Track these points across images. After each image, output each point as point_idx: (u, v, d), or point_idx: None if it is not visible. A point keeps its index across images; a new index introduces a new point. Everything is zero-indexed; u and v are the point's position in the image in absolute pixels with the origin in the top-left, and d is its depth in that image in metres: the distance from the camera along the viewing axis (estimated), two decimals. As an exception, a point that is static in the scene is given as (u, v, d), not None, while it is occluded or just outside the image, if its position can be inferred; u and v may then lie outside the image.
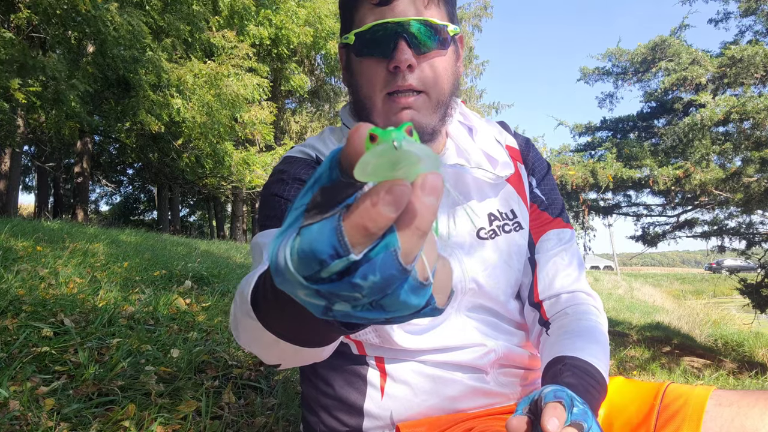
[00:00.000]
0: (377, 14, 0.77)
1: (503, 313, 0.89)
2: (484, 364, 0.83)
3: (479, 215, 0.88)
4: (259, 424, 1.48)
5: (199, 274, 3.84)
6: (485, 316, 0.87)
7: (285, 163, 0.88)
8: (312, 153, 0.88)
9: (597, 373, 0.73)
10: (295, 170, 0.85)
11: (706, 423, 0.71)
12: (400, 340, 0.80)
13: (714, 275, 26.28)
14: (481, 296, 0.85)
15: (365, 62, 0.80)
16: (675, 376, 3.78)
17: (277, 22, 13.13)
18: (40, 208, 15.95)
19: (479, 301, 0.86)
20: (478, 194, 0.89)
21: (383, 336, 0.81)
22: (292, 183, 0.83)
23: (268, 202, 0.84)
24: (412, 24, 0.76)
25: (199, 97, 9.74)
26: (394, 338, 0.80)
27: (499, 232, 0.88)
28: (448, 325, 0.83)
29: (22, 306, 2.04)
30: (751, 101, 4.36)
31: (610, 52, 6.44)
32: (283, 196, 0.81)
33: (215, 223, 24.58)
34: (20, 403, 1.27)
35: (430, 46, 0.78)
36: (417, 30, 0.76)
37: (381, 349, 0.83)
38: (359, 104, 0.84)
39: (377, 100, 0.80)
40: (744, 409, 0.70)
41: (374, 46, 0.78)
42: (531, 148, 0.98)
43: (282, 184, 0.83)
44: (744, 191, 4.82)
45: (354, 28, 0.80)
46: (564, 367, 0.72)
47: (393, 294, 0.29)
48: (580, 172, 5.16)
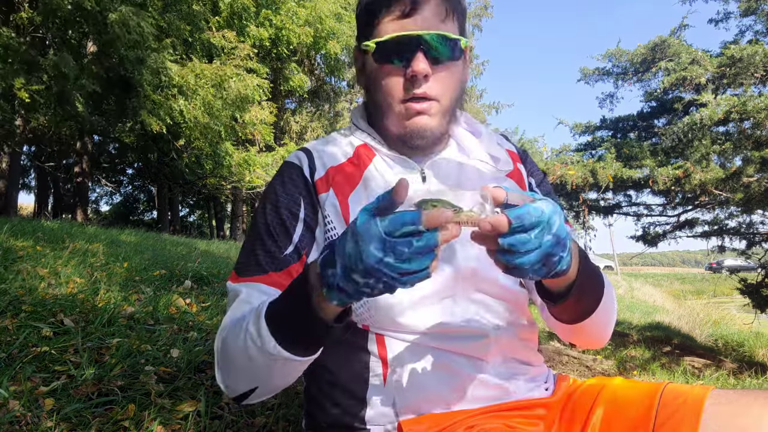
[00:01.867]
0: (398, 25, 0.84)
1: (506, 298, 0.89)
2: (485, 353, 0.84)
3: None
4: (259, 424, 1.48)
5: (199, 274, 3.85)
6: (488, 301, 0.87)
7: (279, 178, 0.94)
8: (306, 159, 0.94)
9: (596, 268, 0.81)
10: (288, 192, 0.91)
11: (704, 423, 0.71)
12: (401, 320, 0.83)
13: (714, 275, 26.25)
14: (482, 280, 0.87)
15: (384, 69, 0.87)
16: (675, 376, 3.79)
17: (277, 22, 13.12)
18: (40, 208, 15.97)
19: (480, 286, 0.87)
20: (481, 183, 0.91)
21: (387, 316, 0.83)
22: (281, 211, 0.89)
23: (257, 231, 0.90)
24: (430, 37, 0.83)
25: (201, 98, 9.74)
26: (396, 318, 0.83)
27: None
28: (449, 310, 0.84)
29: (22, 306, 2.04)
30: (751, 101, 4.36)
31: (610, 53, 6.44)
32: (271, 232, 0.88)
33: (215, 223, 24.60)
34: (20, 403, 1.27)
35: (445, 58, 0.85)
36: (434, 42, 0.83)
37: (383, 330, 0.85)
38: (376, 107, 0.91)
39: (393, 105, 0.87)
40: (742, 409, 0.70)
41: (394, 55, 0.85)
42: (528, 157, 1.06)
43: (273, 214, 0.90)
44: (744, 191, 4.82)
45: (374, 37, 0.86)
46: None
47: (422, 258, 0.55)
48: (580, 171, 5.16)
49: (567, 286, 0.75)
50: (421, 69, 0.82)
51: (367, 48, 0.88)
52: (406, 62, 0.84)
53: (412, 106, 0.86)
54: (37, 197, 17.45)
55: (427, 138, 0.88)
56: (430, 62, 0.83)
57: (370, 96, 0.92)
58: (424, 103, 0.86)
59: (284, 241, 0.87)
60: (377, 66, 0.88)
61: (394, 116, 0.88)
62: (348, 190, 0.89)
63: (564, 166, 5.40)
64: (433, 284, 0.84)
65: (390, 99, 0.87)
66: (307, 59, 16.32)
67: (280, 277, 0.85)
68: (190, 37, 10.40)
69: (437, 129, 0.88)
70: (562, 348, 4.85)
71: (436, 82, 0.85)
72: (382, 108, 0.89)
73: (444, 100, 0.87)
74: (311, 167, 0.92)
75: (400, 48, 0.84)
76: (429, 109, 0.86)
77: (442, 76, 0.86)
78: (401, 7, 0.83)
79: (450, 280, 0.85)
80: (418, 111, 0.86)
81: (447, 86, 0.87)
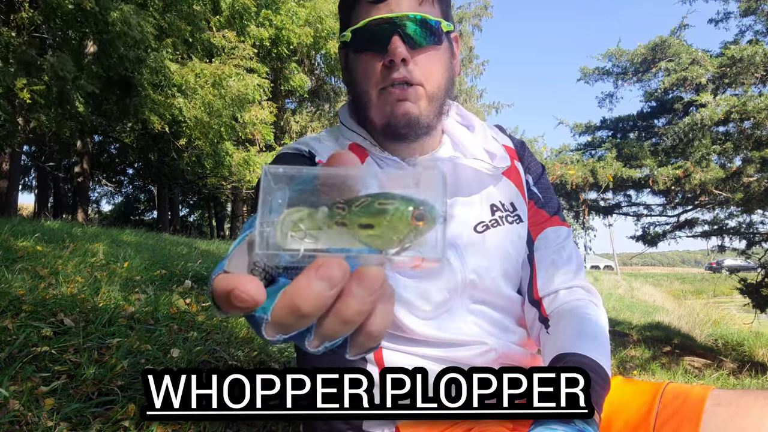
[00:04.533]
0: (373, 11, 0.80)
1: (505, 307, 0.89)
2: (484, 362, 0.83)
3: (482, 205, 0.89)
4: (259, 424, 1.48)
5: (199, 274, 3.85)
6: (487, 312, 0.87)
7: (276, 160, 0.90)
8: (305, 148, 0.90)
9: (599, 368, 0.73)
10: (288, 163, 0.86)
11: (704, 422, 0.71)
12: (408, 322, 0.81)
13: (714, 275, 26.27)
14: (483, 289, 0.86)
15: (362, 58, 0.83)
16: (675, 376, 3.78)
17: (278, 22, 13.12)
18: (40, 208, 15.95)
19: (481, 295, 0.86)
20: (478, 184, 0.90)
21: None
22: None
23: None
24: (405, 19, 0.79)
25: (201, 97, 9.74)
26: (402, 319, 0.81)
27: (501, 222, 0.89)
28: (450, 320, 0.84)
29: (22, 306, 2.04)
30: (751, 100, 4.36)
31: (610, 53, 6.44)
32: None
33: (215, 222, 24.60)
34: (20, 403, 1.27)
35: (424, 41, 0.81)
36: (410, 25, 0.79)
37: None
38: (357, 100, 0.87)
39: (373, 94, 0.83)
40: (742, 409, 0.70)
41: (370, 42, 0.81)
42: (526, 150, 1.01)
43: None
44: (744, 191, 4.82)
45: (351, 26, 0.83)
46: (566, 365, 0.72)
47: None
48: (580, 171, 5.16)
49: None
50: (398, 53, 0.78)
51: (344, 38, 0.84)
52: (383, 48, 0.79)
53: (392, 91, 0.81)
54: (37, 197, 17.42)
55: (413, 126, 0.83)
56: (408, 46, 0.79)
57: (352, 89, 0.88)
58: (407, 89, 0.81)
59: None
60: (355, 56, 0.84)
61: (374, 106, 0.84)
62: None
63: (564, 166, 5.40)
64: (433, 297, 0.83)
65: (369, 87, 0.83)
66: (307, 59, 16.32)
67: None
68: (190, 37, 10.40)
69: (424, 117, 0.83)
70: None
71: (416, 66, 0.81)
72: (362, 99, 0.85)
73: (428, 85, 0.82)
74: (311, 154, 0.89)
75: (375, 34, 0.80)
76: (411, 94, 0.81)
77: (423, 60, 0.81)
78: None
79: (449, 292, 0.84)
80: (398, 98, 0.81)
81: (430, 71, 0.82)
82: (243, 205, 18.14)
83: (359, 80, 0.85)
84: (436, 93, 0.84)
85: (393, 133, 0.85)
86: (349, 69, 0.87)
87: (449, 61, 0.87)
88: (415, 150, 0.90)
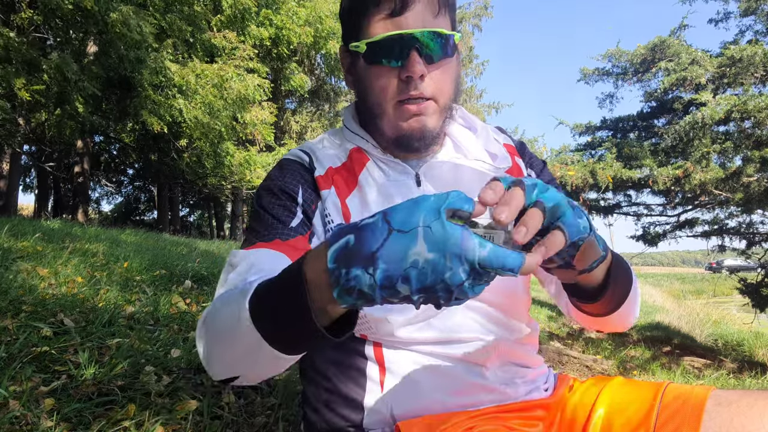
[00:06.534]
0: (389, 25, 0.80)
1: (505, 305, 0.88)
2: (484, 359, 0.83)
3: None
4: (259, 424, 1.48)
5: (199, 274, 3.85)
6: (486, 308, 0.86)
7: (278, 168, 0.91)
8: (306, 157, 0.91)
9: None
10: (286, 179, 0.88)
11: (705, 423, 0.71)
12: (400, 333, 0.81)
13: (714, 275, 26.30)
14: None
15: (376, 70, 0.83)
16: (675, 376, 3.78)
17: (278, 22, 13.13)
18: (40, 208, 15.97)
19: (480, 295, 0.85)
20: (479, 185, 0.89)
21: (383, 330, 0.81)
22: (279, 195, 0.86)
23: (256, 213, 0.88)
24: (424, 35, 0.79)
25: (201, 98, 9.75)
26: (394, 332, 0.81)
27: None
28: (448, 316, 0.83)
29: (22, 306, 2.04)
30: (752, 100, 4.36)
31: (610, 53, 6.45)
32: (269, 212, 0.85)
33: (215, 222, 24.62)
34: (20, 403, 1.27)
35: (439, 55, 0.81)
36: (428, 41, 0.79)
37: (380, 338, 0.83)
38: (368, 110, 0.87)
39: (388, 108, 0.84)
40: (743, 409, 0.70)
41: (387, 56, 0.81)
42: (526, 148, 1.03)
43: (270, 196, 0.87)
44: (744, 191, 4.82)
45: (364, 37, 0.82)
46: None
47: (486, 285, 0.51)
48: (580, 172, 5.16)
49: (604, 276, 0.71)
50: (417, 70, 0.79)
51: (356, 49, 0.84)
52: (400, 63, 0.80)
53: (408, 108, 0.82)
54: (37, 197, 17.43)
55: (426, 139, 0.85)
56: (424, 61, 0.79)
57: (361, 98, 0.88)
58: (422, 104, 0.82)
59: (287, 216, 0.84)
60: (368, 67, 0.84)
61: (388, 119, 0.84)
62: (346, 193, 0.87)
63: (564, 166, 5.40)
64: None
65: (383, 101, 0.83)
66: (307, 59, 16.33)
67: (286, 246, 0.80)
68: (191, 37, 10.41)
69: (435, 129, 0.85)
70: (563, 348, 4.84)
71: (431, 81, 0.82)
72: (374, 110, 0.85)
73: (440, 98, 0.84)
74: (311, 164, 0.90)
75: (392, 48, 0.80)
76: (426, 109, 0.83)
77: (437, 74, 0.82)
78: (391, 4, 0.79)
79: None
80: (414, 113, 0.82)
81: (442, 85, 0.83)
82: (243, 205, 18.16)
83: (372, 92, 0.84)
84: (447, 104, 0.86)
85: (405, 145, 0.86)
86: (358, 77, 0.87)
87: (458, 69, 0.88)
88: (418, 152, 0.91)
